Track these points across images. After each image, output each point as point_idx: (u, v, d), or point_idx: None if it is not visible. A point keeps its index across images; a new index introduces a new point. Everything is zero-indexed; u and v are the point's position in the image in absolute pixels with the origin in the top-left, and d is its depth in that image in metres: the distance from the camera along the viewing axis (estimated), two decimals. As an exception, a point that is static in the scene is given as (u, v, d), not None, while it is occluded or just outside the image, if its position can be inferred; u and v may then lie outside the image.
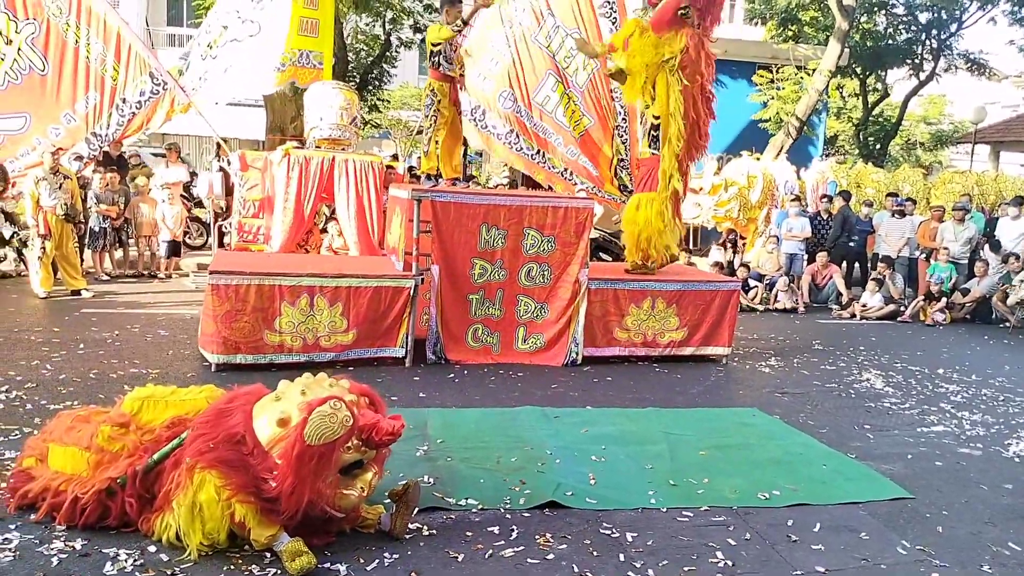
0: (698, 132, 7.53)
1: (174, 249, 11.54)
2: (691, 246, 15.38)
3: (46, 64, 10.06)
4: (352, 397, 3.29)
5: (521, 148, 10.71)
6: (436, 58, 7.86)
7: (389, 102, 26.03)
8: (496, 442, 4.86)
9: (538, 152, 10.66)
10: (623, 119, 10.32)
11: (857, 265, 13.94)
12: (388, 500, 3.64)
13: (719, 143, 19.88)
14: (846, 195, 13.83)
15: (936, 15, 24.71)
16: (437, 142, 8.08)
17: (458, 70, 8.21)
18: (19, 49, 9.98)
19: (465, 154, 21.46)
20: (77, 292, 9.38)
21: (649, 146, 7.59)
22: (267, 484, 3.09)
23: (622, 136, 10.27)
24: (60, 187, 9.27)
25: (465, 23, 7.99)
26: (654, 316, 7.55)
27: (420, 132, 8.32)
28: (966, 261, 12.38)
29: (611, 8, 10.53)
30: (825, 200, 13.75)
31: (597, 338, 7.37)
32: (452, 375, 6.66)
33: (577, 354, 7.20)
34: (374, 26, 21.34)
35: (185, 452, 3.23)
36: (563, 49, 10.40)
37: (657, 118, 7.42)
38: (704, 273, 10.15)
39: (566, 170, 10.38)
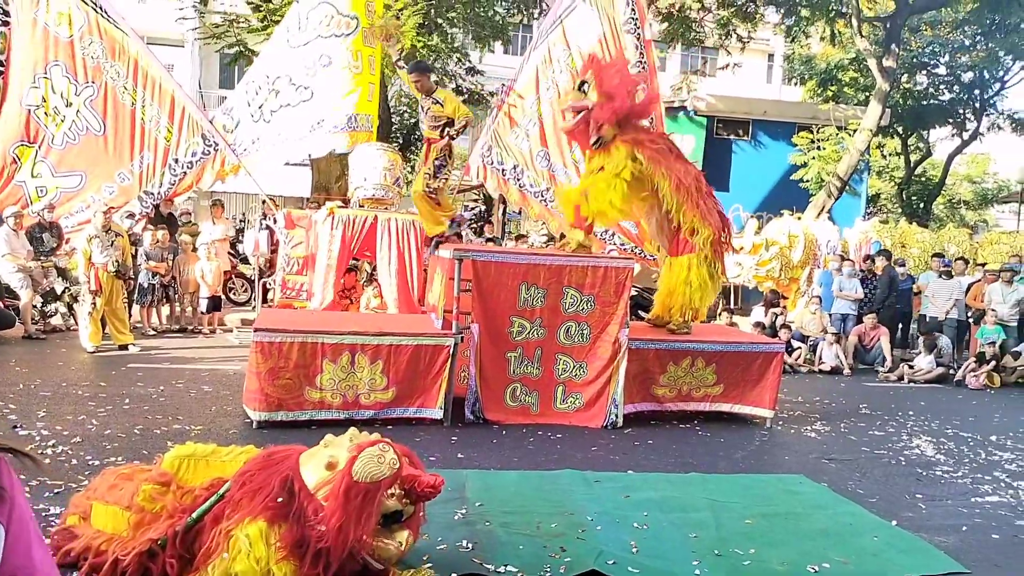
0: (699, 191, 7.45)
1: (215, 304, 11.71)
2: (732, 305, 15.24)
3: (102, 125, 10.47)
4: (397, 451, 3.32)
5: (557, 206, 10.81)
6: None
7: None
8: (536, 506, 4.78)
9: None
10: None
11: (900, 326, 13.66)
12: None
13: (759, 202, 19.88)
14: (887, 254, 13.64)
15: (979, 75, 24.63)
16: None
17: (428, 129, 8.27)
18: (78, 111, 10.43)
19: (505, 212, 21.76)
20: (124, 347, 9.56)
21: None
22: (314, 528, 3.09)
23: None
24: (112, 244, 9.53)
25: (429, 94, 8.12)
26: (692, 374, 7.47)
27: (461, 191, 8.49)
28: (1015, 324, 12.07)
29: (643, 65, 10.71)
30: (869, 261, 13.57)
31: (633, 395, 7.30)
32: (491, 435, 6.60)
33: (617, 416, 7.10)
34: (417, 88, 21.87)
35: (233, 496, 3.25)
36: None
37: (670, 211, 7.42)
38: (746, 334, 10.03)
39: (605, 230, 10.41)
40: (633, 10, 10.86)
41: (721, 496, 5.22)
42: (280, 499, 3.18)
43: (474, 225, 19.81)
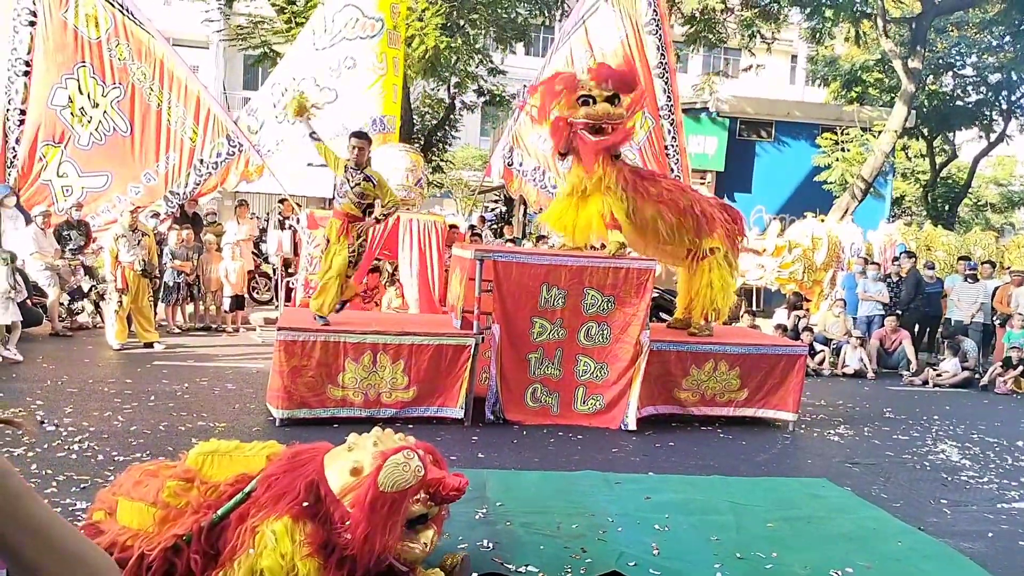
0: (699, 206, 7.39)
1: (238, 303, 11.79)
2: (754, 307, 15.14)
3: (129, 126, 10.59)
4: (420, 452, 3.30)
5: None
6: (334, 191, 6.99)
7: (452, 163, 26.56)
8: (556, 507, 4.78)
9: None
10: (676, 176, 10.39)
11: (928, 330, 13.51)
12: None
13: (782, 204, 19.74)
14: (912, 256, 13.49)
15: (1006, 76, 24.29)
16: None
17: (353, 206, 6.92)
18: (105, 112, 10.55)
19: (525, 213, 21.77)
20: (150, 344, 9.66)
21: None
22: (340, 535, 3.10)
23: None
24: (138, 243, 9.63)
25: (362, 168, 6.90)
26: (715, 378, 7.42)
27: (482, 192, 8.39)
28: (1043, 328, 11.89)
29: (663, 66, 10.69)
30: (896, 263, 13.43)
31: (655, 397, 7.27)
32: (511, 436, 6.61)
33: (628, 419, 7.04)
34: (439, 90, 21.95)
35: (259, 497, 3.26)
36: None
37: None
38: (769, 337, 9.96)
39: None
40: (655, 11, 10.84)
41: (743, 499, 5.19)
42: (306, 504, 3.19)
43: (494, 226, 19.85)
